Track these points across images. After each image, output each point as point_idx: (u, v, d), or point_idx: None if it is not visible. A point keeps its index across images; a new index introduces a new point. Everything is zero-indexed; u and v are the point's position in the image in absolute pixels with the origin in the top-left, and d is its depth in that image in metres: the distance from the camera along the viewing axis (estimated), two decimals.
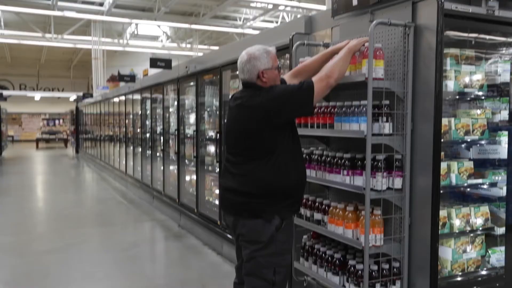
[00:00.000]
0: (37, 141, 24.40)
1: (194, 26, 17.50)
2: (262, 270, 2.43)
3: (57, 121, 26.82)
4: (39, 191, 10.35)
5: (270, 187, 2.40)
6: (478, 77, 2.94)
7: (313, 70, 2.66)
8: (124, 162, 10.32)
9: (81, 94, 20.07)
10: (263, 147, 2.40)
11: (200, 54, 13.55)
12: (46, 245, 5.48)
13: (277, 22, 17.03)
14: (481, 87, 2.96)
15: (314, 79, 2.41)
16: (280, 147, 2.41)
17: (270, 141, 2.39)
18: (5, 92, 22.21)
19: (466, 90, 2.90)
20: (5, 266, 4.70)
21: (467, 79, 2.89)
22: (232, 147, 2.55)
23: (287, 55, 3.57)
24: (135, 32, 19.27)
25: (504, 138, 3.04)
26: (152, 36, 20.90)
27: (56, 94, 29.00)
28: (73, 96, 22.72)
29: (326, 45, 3.11)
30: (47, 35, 17.45)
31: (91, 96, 17.63)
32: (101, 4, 15.91)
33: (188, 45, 20.58)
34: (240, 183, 2.46)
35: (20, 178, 12.14)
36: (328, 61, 2.67)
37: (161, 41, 20.90)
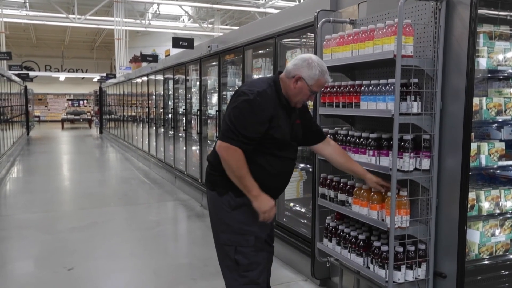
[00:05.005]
0: (63, 121, 24.85)
1: (215, 6, 17.38)
2: (224, 247, 2.49)
3: (81, 102, 27.24)
4: (65, 170, 10.58)
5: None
6: None
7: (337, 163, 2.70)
8: (147, 142, 10.44)
9: (104, 74, 20.30)
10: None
11: (221, 34, 13.48)
12: (73, 222, 5.61)
13: (299, 1, 16.73)
14: None
15: (232, 145, 2.26)
16: None
17: None
18: (31, 73, 22.66)
19: (499, 68, 2.78)
20: (34, 242, 4.84)
21: (500, 57, 2.77)
22: None
23: (311, 34, 3.49)
24: (157, 12, 19.26)
25: None
26: (174, 15, 20.87)
27: (80, 74, 29.45)
28: (96, 77, 22.98)
29: (353, 22, 3.02)
30: (71, 16, 17.62)
31: (114, 76, 17.82)
32: None
33: (210, 25, 20.49)
34: (209, 154, 2.57)
35: (47, 157, 12.42)
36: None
37: (183, 21, 20.87)
